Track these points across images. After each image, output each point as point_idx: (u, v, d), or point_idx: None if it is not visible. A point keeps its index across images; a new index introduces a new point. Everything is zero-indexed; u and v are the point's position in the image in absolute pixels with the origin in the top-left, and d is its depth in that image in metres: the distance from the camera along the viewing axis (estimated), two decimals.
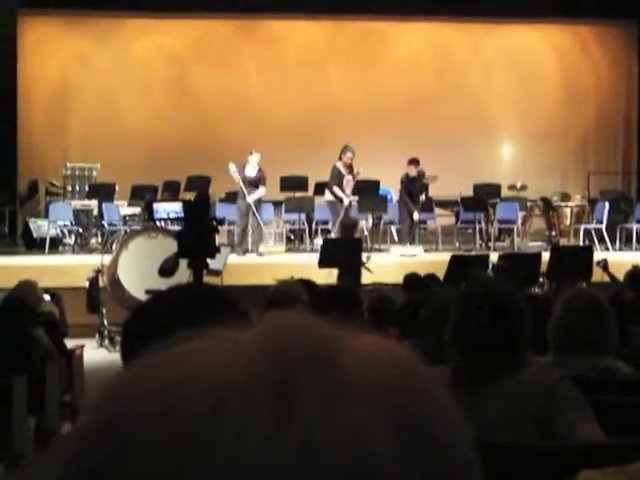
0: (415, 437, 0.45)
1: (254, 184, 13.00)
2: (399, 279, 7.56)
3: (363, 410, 0.45)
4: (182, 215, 8.88)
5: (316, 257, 10.78)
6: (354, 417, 0.45)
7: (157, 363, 0.48)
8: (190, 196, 11.44)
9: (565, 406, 2.48)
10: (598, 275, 9.67)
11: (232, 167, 12.92)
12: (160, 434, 0.44)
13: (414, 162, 13.68)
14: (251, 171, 13.05)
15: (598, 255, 11.41)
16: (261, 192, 13.06)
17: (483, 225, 14.51)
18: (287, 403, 0.44)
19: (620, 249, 14.27)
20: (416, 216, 13.64)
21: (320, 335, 0.48)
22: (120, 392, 0.48)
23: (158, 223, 11.78)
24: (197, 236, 4.35)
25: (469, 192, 15.09)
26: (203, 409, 0.44)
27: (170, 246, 4.79)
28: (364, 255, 10.66)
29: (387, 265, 11.47)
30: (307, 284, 4.89)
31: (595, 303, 3.41)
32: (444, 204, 15.16)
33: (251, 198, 12.93)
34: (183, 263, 4.38)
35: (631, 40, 17.79)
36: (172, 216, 11.78)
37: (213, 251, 4.44)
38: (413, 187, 13.68)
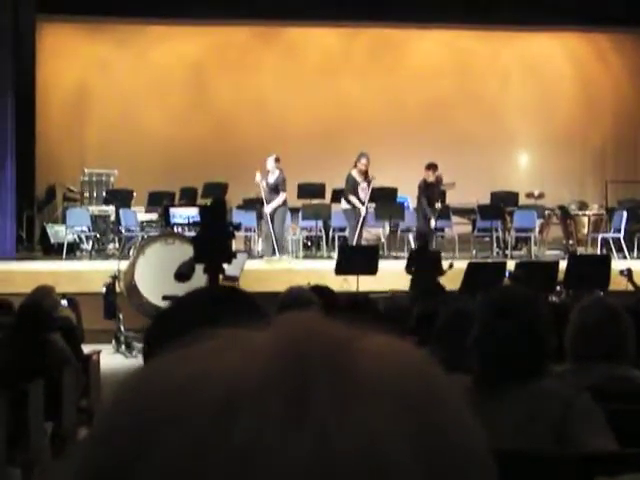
0: (430, 441, 0.45)
1: (275, 189, 13.05)
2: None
3: (379, 413, 0.45)
4: (199, 220, 8.90)
5: (333, 264, 10.79)
6: (370, 419, 0.44)
7: (172, 363, 0.48)
8: (207, 202, 11.48)
9: (583, 420, 2.49)
10: (615, 284, 9.63)
11: (258, 176, 12.99)
12: (173, 435, 0.44)
13: (432, 167, 13.62)
14: (271, 177, 13.12)
15: (618, 264, 11.37)
16: (279, 200, 13.08)
17: (500, 233, 14.47)
18: (302, 405, 0.44)
19: (638, 258, 14.20)
20: (433, 223, 13.59)
21: (335, 336, 0.48)
22: (134, 392, 0.48)
23: (175, 229, 11.80)
24: (213, 241, 4.35)
25: (486, 200, 15.06)
26: (216, 410, 0.44)
27: (187, 252, 4.80)
28: (446, 262, 10.55)
29: (401, 272, 11.42)
30: (321, 290, 4.89)
31: (612, 311, 3.40)
32: (461, 212, 15.13)
33: (269, 208, 12.98)
34: (199, 269, 4.39)
35: None
36: (189, 221, 11.81)
37: (229, 256, 4.43)
38: (431, 193, 13.62)
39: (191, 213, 11.67)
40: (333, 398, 0.44)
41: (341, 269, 10.56)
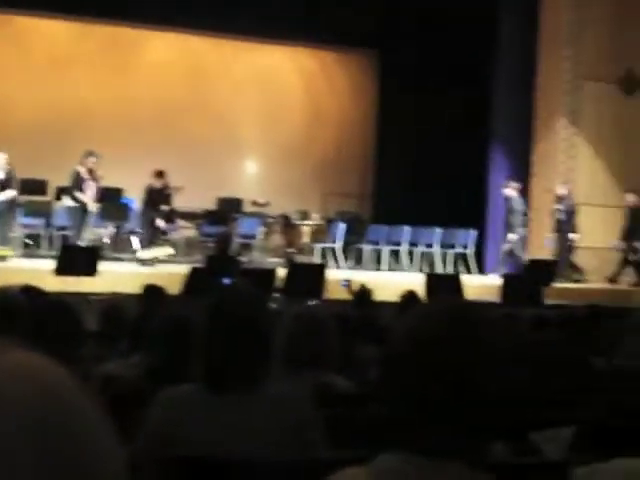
0: (50, 438, 0.51)
1: (2, 186, 12.52)
2: (136, 289, 7.47)
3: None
4: None
5: (53, 264, 10.49)
6: None
7: None
8: None
9: (313, 426, 2.58)
10: (333, 292, 10.06)
11: None
12: None
13: (159, 174, 13.59)
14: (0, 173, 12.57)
15: (335, 273, 11.90)
16: (3, 196, 12.56)
17: None
18: None
19: (354, 268, 14.96)
20: (159, 223, 13.52)
21: None
22: None
23: None
24: None
25: (213, 205, 15.25)
26: None
27: None
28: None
29: (124, 274, 11.34)
30: (29, 291, 4.76)
31: (317, 320, 3.54)
32: (188, 216, 15.22)
33: None
34: None
35: (372, 69, 18.66)
36: None
37: None
38: (157, 198, 13.60)
39: None
40: None
41: (62, 269, 10.30)
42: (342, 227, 15.04)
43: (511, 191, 13.92)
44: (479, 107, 15.77)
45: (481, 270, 14.88)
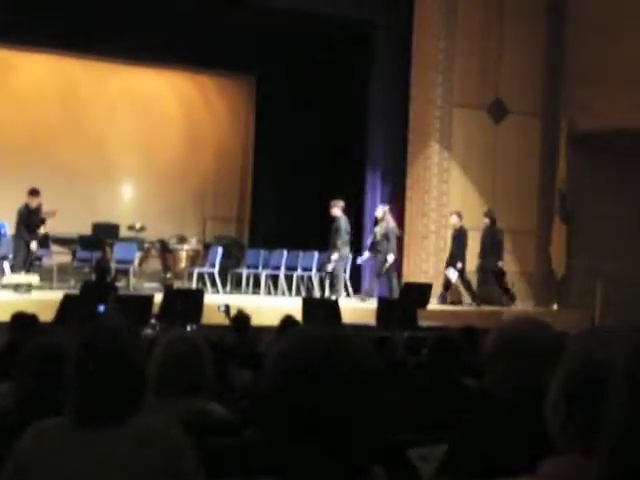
0: None
1: None
2: (6, 317, 7.24)
3: None
4: None
5: None
6: None
7: None
8: None
9: (189, 456, 2.54)
10: (211, 317, 9.99)
11: None
12: None
13: (35, 192, 13.24)
14: None
15: (212, 298, 11.84)
16: None
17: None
18: None
19: (230, 292, 14.92)
20: (33, 246, 13.17)
21: None
22: None
23: None
24: None
25: (88, 230, 14.98)
26: None
27: None
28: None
29: None
30: None
31: (193, 346, 3.52)
32: (61, 241, 14.92)
33: None
34: None
35: (250, 94, 18.72)
36: None
37: None
38: (32, 219, 13.24)
39: None
40: None
41: None
42: (220, 251, 14.99)
43: (337, 210, 14.01)
44: (354, 131, 16.01)
45: (357, 292, 15.03)
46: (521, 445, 2.22)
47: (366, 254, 14.40)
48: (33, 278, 12.71)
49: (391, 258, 13.96)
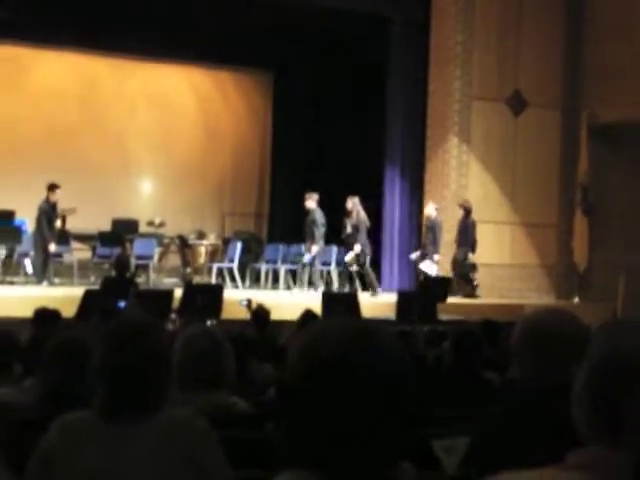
0: None
1: None
2: (28, 313, 7.30)
3: None
4: None
5: None
6: None
7: None
8: None
9: (217, 449, 2.55)
10: (231, 312, 10.00)
11: None
12: None
13: (55, 187, 13.26)
14: None
15: (231, 293, 11.87)
16: None
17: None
18: None
19: (250, 287, 14.94)
20: (52, 248, 13.24)
21: None
22: None
23: None
24: None
25: (107, 227, 15.04)
26: None
27: None
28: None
29: (16, 298, 11.07)
30: None
31: (211, 340, 3.52)
32: (81, 238, 14.98)
33: None
34: None
35: (267, 90, 18.73)
36: None
37: None
38: (53, 213, 13.28)
39: None
40: None
41: None
42: (239, 246, 15.01)
43: (311, 203, 13.92)
44: (372, 127, 15.97)
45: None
46: (547, 438, 2.21)
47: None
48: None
49: (357, 248, 13.81)
